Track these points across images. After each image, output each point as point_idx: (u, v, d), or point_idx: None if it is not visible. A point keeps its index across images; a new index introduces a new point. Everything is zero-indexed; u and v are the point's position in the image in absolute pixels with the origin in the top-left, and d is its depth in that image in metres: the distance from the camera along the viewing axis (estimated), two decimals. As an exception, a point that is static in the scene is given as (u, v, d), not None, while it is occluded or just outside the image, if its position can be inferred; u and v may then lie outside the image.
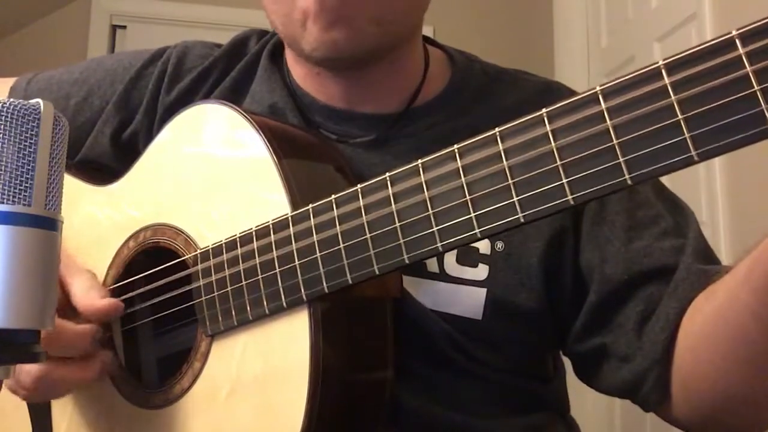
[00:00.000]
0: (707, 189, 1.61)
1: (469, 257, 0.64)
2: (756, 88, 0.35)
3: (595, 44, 2.31)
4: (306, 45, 0.63)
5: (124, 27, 2.73)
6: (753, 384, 0.55)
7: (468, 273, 0.64)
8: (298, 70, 0.73)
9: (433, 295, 0.63)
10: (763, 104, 0.34)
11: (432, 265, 0.64)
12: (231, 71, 0.76)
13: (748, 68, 0.35)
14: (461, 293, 0.63)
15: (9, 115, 0.43)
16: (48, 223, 0.44)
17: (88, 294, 0.63)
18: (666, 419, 0.62)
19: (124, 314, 0.70)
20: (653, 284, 0.61)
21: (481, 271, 0.64)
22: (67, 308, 0.63)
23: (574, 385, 0.72)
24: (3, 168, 0.43)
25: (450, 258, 0.64)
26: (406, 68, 0.71)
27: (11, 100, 0.43)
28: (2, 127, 0.43)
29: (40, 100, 0.44)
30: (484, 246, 0.64)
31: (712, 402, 0.58)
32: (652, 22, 1.96)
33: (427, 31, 0.84)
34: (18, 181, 0.43)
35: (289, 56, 0.75)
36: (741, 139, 0.35)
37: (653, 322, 0.60)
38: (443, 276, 0.64)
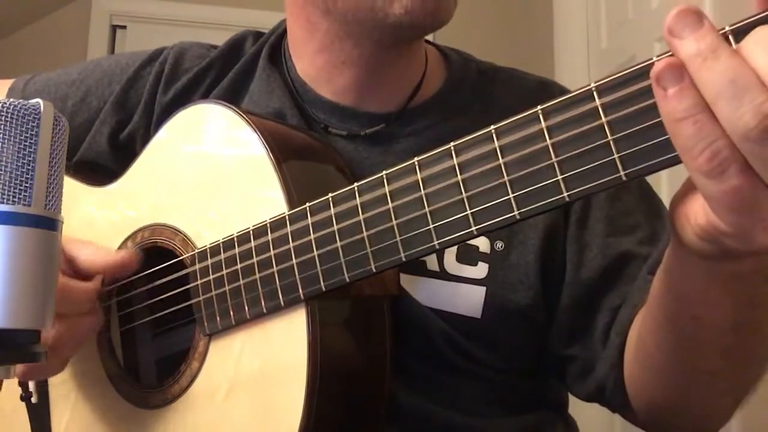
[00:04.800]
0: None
1: (469, 256, 0.64)
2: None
3: (595, 44, 2.30)
4: (398, 9, 0.61)
5: (124, 27, 2.73)
6: (685, 392, 0.57)
7: (468, 271, 0.64)
8: (314, 63, 0.71)
9: (432, 294, 0.63)
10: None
11: (432, 263, 0.64)
12: (228, 72, 0.76)
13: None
14: (461, 291, 0.64)
15: (9, 115, 0.43)
16: (48, 223, 0.44)
17: (99, 253, 0.62)
18: (630, 421, 0.65)
19: (122, 313, 0.71)
20: (619, 292, 0.63)
21: (481, 270, 0.64)
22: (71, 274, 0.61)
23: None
24: (3, 168, 0.43)
25: (450, 256, 0.64)
26: (414, 64, 0.72)
27: (11, 100, 0.44)
28: (2, 127, 0.43)
29: (40, 100, 0.44)
30: (484, 245, 0.65)
31: (648, 408, 0.61)
32: (652, 22, 1.95)
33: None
34: (18, 181, 0.43)
35: (303, 50, 0.73)
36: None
37: (613, 329, 0.62)
38: (443, 274, 0.64)
